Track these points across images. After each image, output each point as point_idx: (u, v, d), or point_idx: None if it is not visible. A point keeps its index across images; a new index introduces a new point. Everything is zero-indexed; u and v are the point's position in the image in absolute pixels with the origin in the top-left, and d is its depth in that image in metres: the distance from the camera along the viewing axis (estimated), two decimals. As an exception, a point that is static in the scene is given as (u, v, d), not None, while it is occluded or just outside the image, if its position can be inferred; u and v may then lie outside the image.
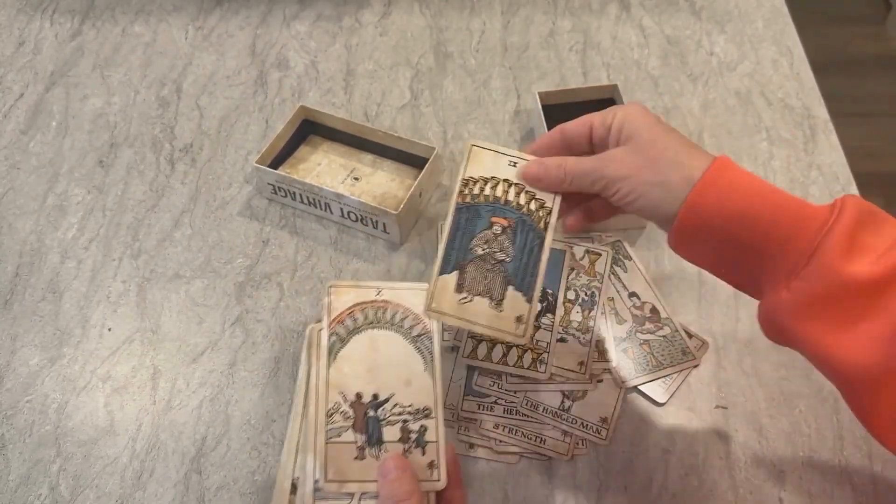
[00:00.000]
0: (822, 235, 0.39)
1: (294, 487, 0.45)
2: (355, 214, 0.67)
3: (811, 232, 0.40)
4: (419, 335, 0.47)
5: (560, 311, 0.60)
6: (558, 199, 0.50)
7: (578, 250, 0.64)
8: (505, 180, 0.50)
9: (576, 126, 0.49)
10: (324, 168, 0.72)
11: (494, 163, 0.51)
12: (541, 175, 0.49)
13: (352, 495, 0.43)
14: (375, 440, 0.44)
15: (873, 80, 1.98)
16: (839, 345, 0.39)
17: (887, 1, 2.14)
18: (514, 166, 0.50)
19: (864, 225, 0.40)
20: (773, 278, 0.42)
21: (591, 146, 0.49)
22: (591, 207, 0.52)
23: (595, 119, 0.48)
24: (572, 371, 0.58)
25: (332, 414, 0.44)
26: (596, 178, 0.46)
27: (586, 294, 0.62)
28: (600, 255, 0.64)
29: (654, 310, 0.62)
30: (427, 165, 0.67)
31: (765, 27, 0.85)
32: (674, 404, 0.58)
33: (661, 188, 0.44)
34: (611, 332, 0.60)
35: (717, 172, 0.43)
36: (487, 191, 0.50)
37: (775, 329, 0.43)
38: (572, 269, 0.63)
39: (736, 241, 0.43)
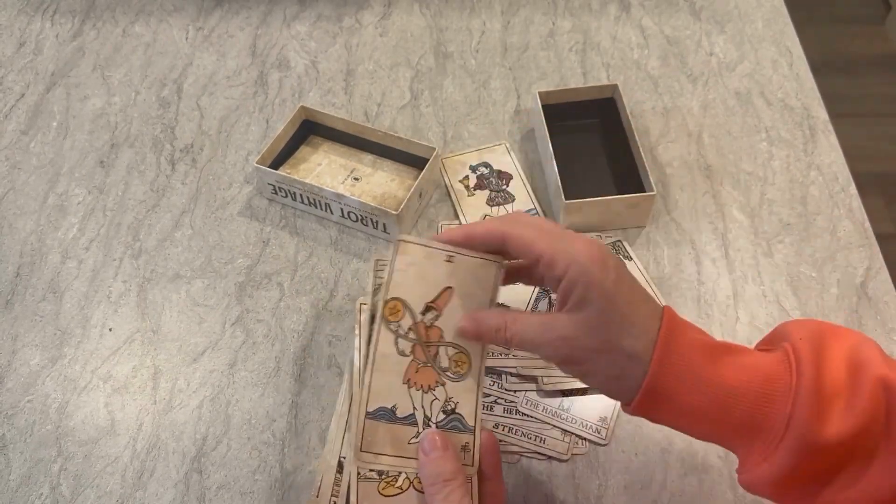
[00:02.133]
0: (790, 406, 0.37)
1: (340, 466, 0.45)
2: (355, 214, 0.67)
3: (778, 405, 0.38)
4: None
5: None
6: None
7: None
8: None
9: (520, 248, 0.43)
10: (324, 168, 0.72)
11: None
12: (480, 335, 0.44)
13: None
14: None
15: (873, 80, 1.98)
16: (824, 499, 0.38)
17: (887, 1, 2.14)
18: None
19: (818, 367, 0.38)
20: (748, 449, 0.40)
21: (515, 258, 0.45)
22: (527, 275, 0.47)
23: (543, 258, 0.41)
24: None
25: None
26: (546, 355, 0.42)
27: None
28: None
29: (653, 310, 0.62)
30: (427, 165, 0.67)
31: (764, 27, 0.85)
32: (673, 404, 0.58)
33: (616, 383, 0.41)
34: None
35: (660, 367, 0.39)
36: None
37: (758, 494, 0.42)
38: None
39: (697, 426, 0.41)
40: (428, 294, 0.45)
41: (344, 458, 0.45)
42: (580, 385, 0.58)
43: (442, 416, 0.44)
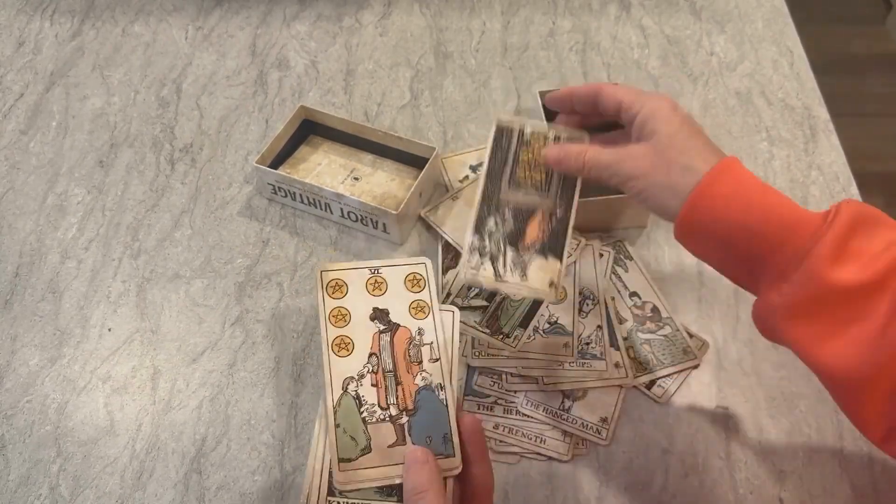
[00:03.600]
0: (812, 242, 0.40)
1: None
2: (355, 214, 0.67)
3: (803, 238, 0.41)
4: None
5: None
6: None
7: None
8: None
9: (607, 99, 0.51)
10: (324, 168, 0.72)
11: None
12: (561, 159, 0.52)
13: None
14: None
15: (873, 80, 1.98)
16: (825, 349, 0.41)
17: (887, 1, 2.14)
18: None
19: (857, 230, 0.41)
20: (767, 280, 0.43)
21: (603, 113, 0.52)
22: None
23: (624, 101, 0.49)
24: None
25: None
26: (612, 174, 0.49)
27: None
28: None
29: (654, 309, 0.62)
30: (427, 165, 0.67)
31: (765, 27, 0.85)
32: (674, 404, 0.58)
33: (669, 191, 0.45)
34: (616, 332, 0.60)
35: (716, 177, 0.44)
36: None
37: (766, 328, 0.45)
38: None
39: (731, 244, 0.44)
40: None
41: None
42: (580, 385, 0.58)
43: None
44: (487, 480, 0.44)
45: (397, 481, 0.44)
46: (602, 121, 0.54)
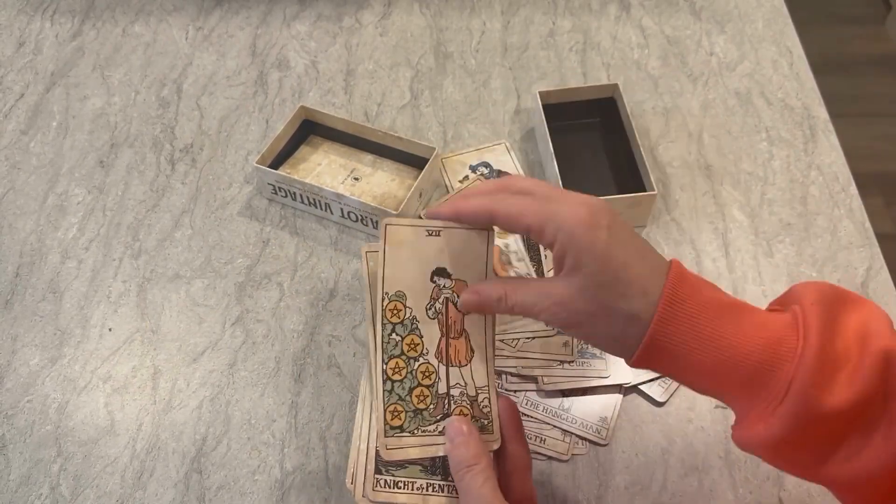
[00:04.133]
0: (793, 368, 0.37)
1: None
2: (355, 214, 0.67)
3: (781, 366, 0.37)
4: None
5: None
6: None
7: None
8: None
9: (508, 222, 0.42)
10: (324, 168, 0.72)
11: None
12: (481, 307, 0.45)
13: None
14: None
15: (873, 80, 1.98)
16: (824, 474, 0.38)
17: (887, 1, 2.14)
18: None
19: (828, 329, 0.37)
20: (745, 410, 0.39)
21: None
22: None
23: (532, 223, 0.41)
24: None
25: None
26: (547, 320, 0.42)
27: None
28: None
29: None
30: (427, 165, 0.67)
31: (765, 27, 0.85)
32: (674, 404, 0.58)
33: (618, 345, 0.41)
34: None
35: (664, 323, 0.39)
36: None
37: (753, 452, 0.41)
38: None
39: (697, 386, 0.41)
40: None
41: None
42: (580, 385, 0.58)
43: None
44: (525, 457, 0.45)
45: (440, 453, 0.44)
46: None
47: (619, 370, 0.58)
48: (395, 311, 0.46)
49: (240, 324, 0.63)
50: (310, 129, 0.75)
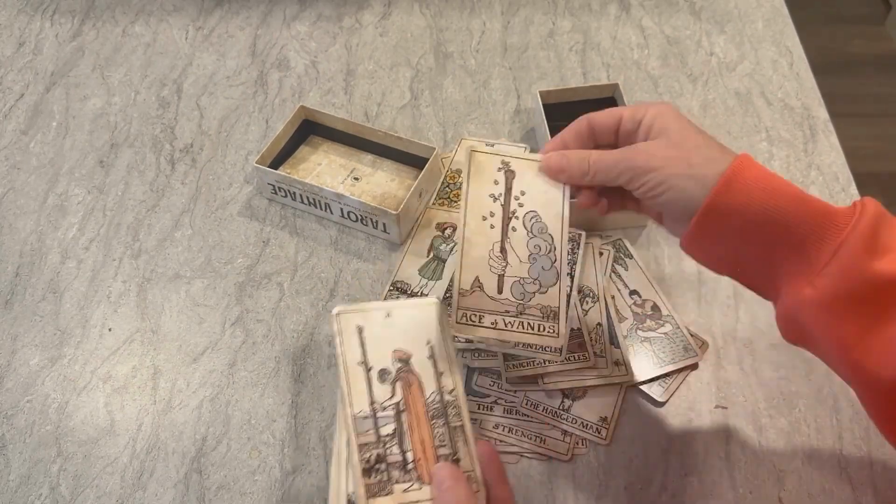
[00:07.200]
0: (846, 232, 0.39)
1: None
2: (355, 214, 0.67)
3: (835, 229, 0.40)
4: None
5: None
6: (567, 194, 0.50)
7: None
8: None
9: (604, 117, 0.48)
10: (324, 168, 0.72)
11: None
12: (563, 166, 0.48)
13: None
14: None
15: (873, 80, 1.98)
16: (865, 348, 0.39)
17: (887, 1, 2.14)
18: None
19: (882, 226, 0.40)
20: (794, 275, 0.41)
21: (617, 140, 0.48)
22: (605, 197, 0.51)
23: (625, 112, 0.47)
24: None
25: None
26: (623, 169, 0.45)
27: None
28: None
29: (654, 307, 0.62)
30: (427, 165, 0.67)
31: (765, 27, 0.85)
32: (674, 404, 0.58)
33: (692, 181, 0.43)
34: (616, 329, 0.60)
35: (739, 168, 0.42)
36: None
37: (796, 328, 0.43)
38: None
39: (756, 236, 0.42)
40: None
41: (352, 494, 0.45)
42: (580, 385, 0.58)
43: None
44: (510, 498, 0.44)
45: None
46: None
47: (619, 370, 0.59)
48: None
49: (240, 324, 0.63)
50: (310, 130, 0.75)
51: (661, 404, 0.58)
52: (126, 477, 0.56)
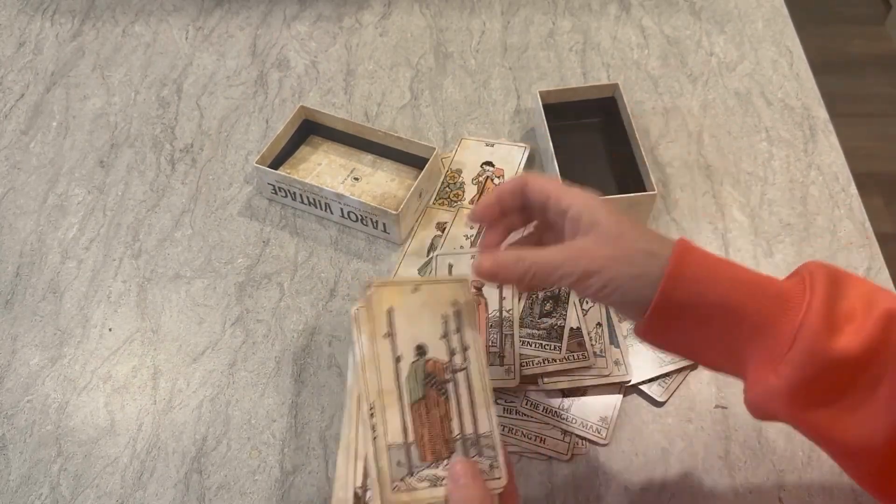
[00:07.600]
0: (802, 314, 0.38)
1: (357, 498, 0.44)
2: (355, 214, 0.67)
3: (791, 311, 0.39)
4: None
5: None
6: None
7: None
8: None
9: (532, 188, 0.47)
10: (324, 168, 0.72)
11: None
12: (496, 271, 0.45)
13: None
14: None
15: (873, 80, 1.98)
16: (841, 427, 0.39)
17: (887, 1, 2.14)
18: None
19: (834, 291, 0.39)
20: (757, 361, 0.40)
21: (526, 211, 0.48)
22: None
23: (552, 192, 0.45)
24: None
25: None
26: (564, 274, 0.43)
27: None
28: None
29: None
30: (427, 165, 0.67)
31: (765, 27, 0.85)
32: (673, 404, 0.58)
33: (638, 280, 0.42)
34: (616, 329, 0.61)
35: (681, 261, 0.41)
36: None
37: (766, 414, 0.42)
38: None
39: (711, 328, 0.41)
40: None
41: (359, 488, 0.44)
42: (580, 385, 0.58)
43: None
44: (514, 491, 0.44)
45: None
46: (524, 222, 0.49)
47: (619, 370, 0.59)
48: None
49: (240, 324, 0.63)
50: (310, 130, 0.75)
51: (661, 404, 0.58)
52: (126, 477, 0.56)
